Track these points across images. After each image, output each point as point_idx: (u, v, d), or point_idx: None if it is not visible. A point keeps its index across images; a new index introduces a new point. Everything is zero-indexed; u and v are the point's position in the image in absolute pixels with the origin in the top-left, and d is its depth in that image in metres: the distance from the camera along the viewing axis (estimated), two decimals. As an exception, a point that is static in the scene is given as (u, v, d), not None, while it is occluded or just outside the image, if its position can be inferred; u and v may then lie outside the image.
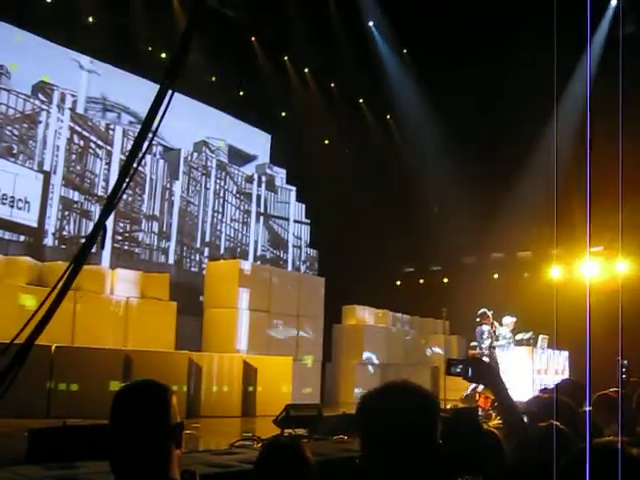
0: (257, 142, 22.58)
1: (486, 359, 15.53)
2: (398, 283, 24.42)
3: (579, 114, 16.44)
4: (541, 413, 4.02)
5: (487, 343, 15.98)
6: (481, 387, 13.64)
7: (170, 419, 2.33)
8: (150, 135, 2.54)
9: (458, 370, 3.34)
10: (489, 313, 16.19)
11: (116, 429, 2.33)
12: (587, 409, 4.75)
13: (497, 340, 16.25)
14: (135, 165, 2.59)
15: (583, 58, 17.44)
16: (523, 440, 3.22)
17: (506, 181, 19.54)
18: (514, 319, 17.03)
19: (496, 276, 23.87)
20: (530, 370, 16.64)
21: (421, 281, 24.59)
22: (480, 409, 13.27)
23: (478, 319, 16.20)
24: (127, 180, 2.54)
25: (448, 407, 13.19)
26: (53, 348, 11.12)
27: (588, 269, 19.64)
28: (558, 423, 3.31)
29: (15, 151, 15.60)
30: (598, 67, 17.17)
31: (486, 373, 3.37)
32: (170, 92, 2.53)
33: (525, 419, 4.09)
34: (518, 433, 3.23)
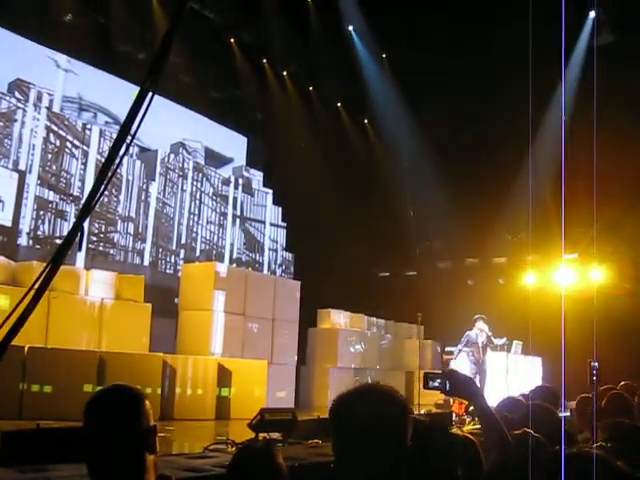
0: (234, 144, 22.54)
1: (465, 365, 15.61)
2: (373, 287, 24.45)
3: (559, 124, 16.57)
4: (518, 419, 4.04)
5: (461, 348, 16.01)
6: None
7: (143, 424, 2.31)
8: (129, 137, 2.52)
9: (436, 384, 3.33)
10: (477, 317, 16.14)
11: (89, 434, 2.31)
12: (562, 415, 4.78)
13: (488, 345, 16.15)
14: (114, 167, 2.57)
15: (566, 68, 17.60)
16: (504, 447, 3.23)
17: (483, 186, 19.63)
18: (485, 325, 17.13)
19: (470, 282, 23.97)
20: (504, 375, 16.74)
21: (396, 285, 24.64)
22: (454, 414, 13.32)
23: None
24: (105, 182, 2.52)
25: (422, 412, 13.23)
26: (26, 349, 11.02)
27: (562, 276, 19.79)
28: (531, 431, 3.32)
29: (-10, 149, 15.47)
30: (579, 78, 17.35)
31: (464, 386, 3.37)
32: (151, 94, 2.51)
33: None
34: (498, 442, 3.24)
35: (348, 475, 2.15)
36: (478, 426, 3.86)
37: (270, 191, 22.51)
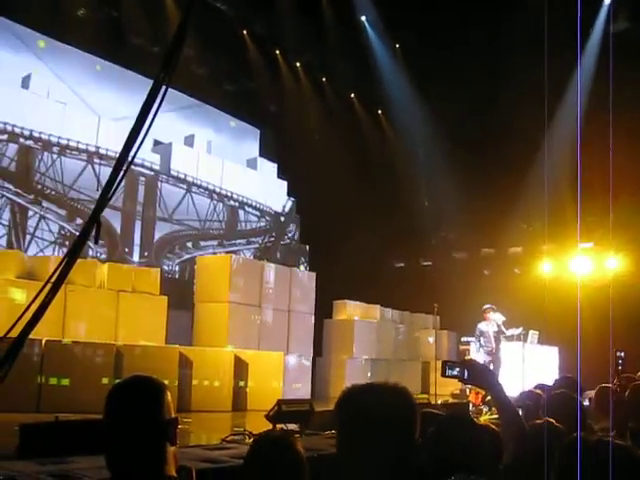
0: (247, 136, 22.53)
1: (479, 356, 15.58)
2: (389, 278, 24.42)
3: (573, 111, 16.46)
4: (542, 408, 4.03)
5: (481, 341, 15.94)
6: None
7: (164, 415, 2.31)
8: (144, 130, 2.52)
9: (455, 372, 3.33)
10: (486, 307, 16.06)
11: (110, 425, 2.31)
12: (578, 404, 4.75)
13: (499, 335, 16.06)
14: (129, 160, 2.57)
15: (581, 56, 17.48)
16: (521, 438, 3.23)
17: (498, 176, 19.54)
18: (503, 318, 17.08)
19: (486, 272, 23.91)
20: (520, 365, 16.70)
21: (412, 276, 24.59)
22: (471, 404, 13.31)
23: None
24: (121, 175, 2.53)
25: (439, 402, 13.22)
26: (43, 342, 11.09)
27: (578, 265, 19.70)
28: (553, 421, 3.31)
29: None
30: (595, 65, 17.23)
31: (482, 375, 3.37)
32: (164, 87, 2.51)
33: (520, 413, 4.11)
34: (516, 433, 3.24)
35: (354, 467, 2.16)
36: (495, 416, 3.86)
37: (284, 182, 22.51)
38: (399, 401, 2.22)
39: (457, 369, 3.33)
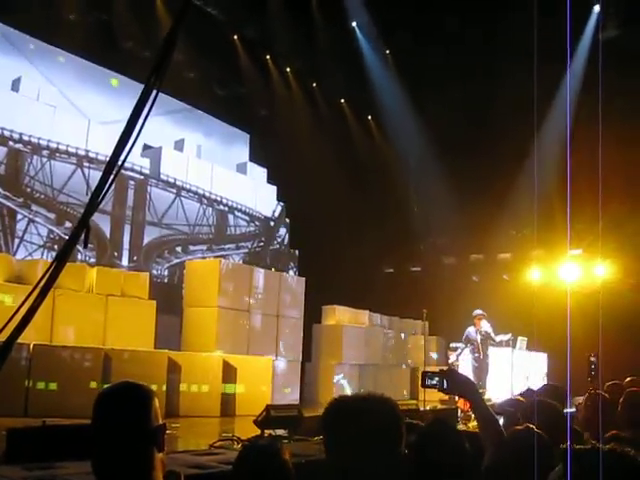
0: (237, 141, 22.53)
1: (466, 363, 15.61)
2: (378, 284, 24.44)
3: (563, 118, 16.53)
4: (523, 415, 4.05)
5: (466, 346, 15.98)
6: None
7: (152, 422, 2.32)
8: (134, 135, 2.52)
9: (433, 382, 3.36)
10: (478, 314, 16.07)
11: (97, 431, 2.31)
12: (567, 411, 4.77)
13: (487, 342, 16.05)
14: (119, 164, 2.57)
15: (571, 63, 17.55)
16: (499, 443, 3.26)
17: (487, 182, 19.60)
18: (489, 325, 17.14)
19: (475, 278, 23.96)
20: (509, 372, 16.74)
21: (401, 282, 24.61)
22: (460, 410, 13.31)
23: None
24: (110, 179, 2.52)
25: (427, 408, 13.22)
26: (31, 346, 11.05)
27: (568, 272, 19.76)
28: (534, 426, 3.33)
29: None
30: (584, 72, 17.28)
31: (461, 384, 3.39)
32: (155, 92, 2.51)
33: (501, 421, 4.13)
34: (494, 438, 3.26)
35: (343, 475, 2.17)
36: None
37: (274, 187, 22.51)
38: (387, 410, 2.24)
39: (436, 379, 3.36)
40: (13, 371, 10.32)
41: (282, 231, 22.82)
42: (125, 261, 18.01)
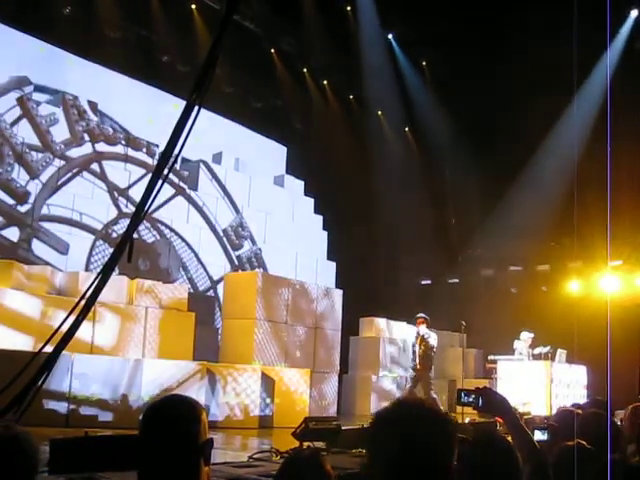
0: (274, 154, 22.60)
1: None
2: (415, 295, 24.37)
3: (602, 124, 16.41)
4: (569, 429, 4.01)
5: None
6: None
7: (200, 436, 2.33)
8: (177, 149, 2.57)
9: (470, 400, 3.36)
10: (419, 316, 15.74)
11: (145, 444, 2.32)
12: (608, 422, 4.70)
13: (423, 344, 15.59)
14: (162, 178, 2.62)
15: (600, 66, 17.36)
16: (538, 465, 3.24)
17: (526, 194, 19.48)
18: (532, 335, 16.99)
19: (514, 290, 23.78)
20: (547, 384, 16.56)
21: (439, 293, 24.51)
22: (498, 424, 13.18)
23: None
24: (154, 194, 2.57)
25: (466, 421, 13.14)
26: (73, 357, 11.17)
27: (608, 283, 19.54)
28: (585, 443, 3.31)
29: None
30: (616, 76, 17.12)
31: (498, 403, 3.38)
32: (197, 107, 2.56)
33: (545, 436, 4.09)
34: (532, 460, 3.24)
35: None
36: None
37: (311, 200, 22.55)
38: (438, 429, 2.15)
39: (472, 397, 3.36)
40: (55, 381, 10.45)
41: (319, 243, 22.77)
42: (165, 274, 18.11)
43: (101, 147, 17.22)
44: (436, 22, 18.37)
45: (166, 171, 2.27)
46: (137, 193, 14.60)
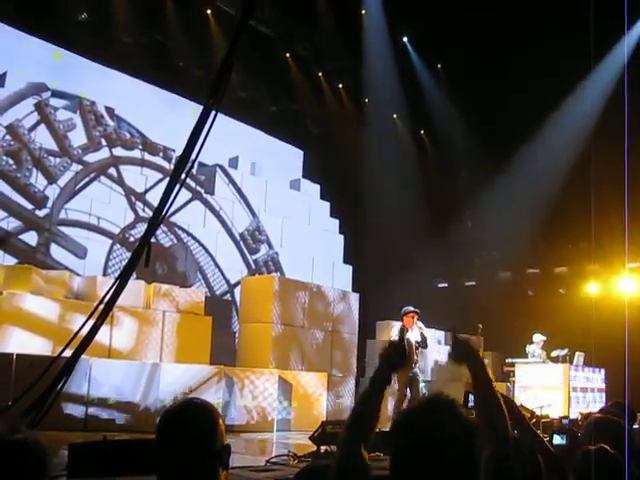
0: (290, 158, 22.62)
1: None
2: (432, 298, 24.28)
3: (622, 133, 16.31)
4: (587, 434, 3.99)
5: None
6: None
7: (217, 441, 2.34)
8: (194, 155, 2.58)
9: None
10: (408, 310, 15.33)
11: (163, 448, 2.33)
12: (625, 427, 4.68)
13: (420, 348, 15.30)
14: (179, 184, 2.63)
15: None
16: (552, 467, 3.22)
17: (542, 195, 19.39)
18: (544, 337, 16.92)
19: (531, 292, 23.68)
20: (566, 388, 16.47)
21: (455, 296, 24.42)
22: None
23: None
24: (171, 199, 2.58)
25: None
26: (91, 361, 11.22)
27: (626, 285, 19.43)
28: (608, 447, 3.28)
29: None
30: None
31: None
32: (214, 112, 2.57)
33: (564, 440, 4.07)
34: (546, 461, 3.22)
35: None
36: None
37: (327, 203, 22.54)
38: (460, 429, 2.11)
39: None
40: (73, 386, 10.49)
41: (336, 246, 22.76)
42: (181, 277, 18.17)
43: (118, 152, 17.34)
44: (451, 25, 18.35)
45: (183, 176, 2.27)
46: (154, 197, 14.74)
